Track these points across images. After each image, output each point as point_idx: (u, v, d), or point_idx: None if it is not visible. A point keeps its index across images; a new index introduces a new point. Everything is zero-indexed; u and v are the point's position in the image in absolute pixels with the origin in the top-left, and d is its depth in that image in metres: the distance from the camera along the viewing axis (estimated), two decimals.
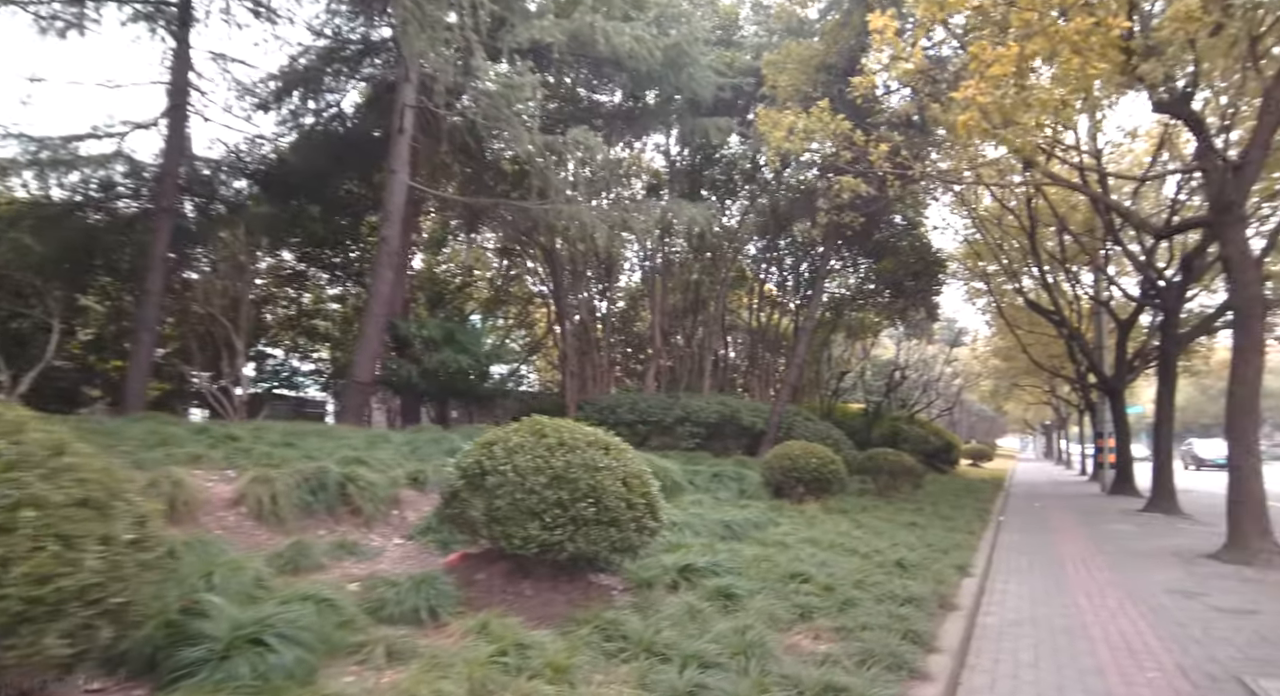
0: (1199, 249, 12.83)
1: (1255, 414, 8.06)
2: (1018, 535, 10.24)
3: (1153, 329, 20.32)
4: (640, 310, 27.69)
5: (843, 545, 6.59)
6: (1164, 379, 13.44)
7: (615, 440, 4.54)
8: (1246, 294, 8.09)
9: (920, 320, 29.52)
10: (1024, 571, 7.27)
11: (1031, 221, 18.03)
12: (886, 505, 11.87)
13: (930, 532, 8.76)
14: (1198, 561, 7.95)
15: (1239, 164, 8.22)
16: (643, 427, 16.10)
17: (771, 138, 10.38)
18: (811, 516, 8.56)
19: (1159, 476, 13.22)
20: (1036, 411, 49.72)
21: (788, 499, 10.05)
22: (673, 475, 9.19)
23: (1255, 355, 8.05)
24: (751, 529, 6.94)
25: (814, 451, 10.08)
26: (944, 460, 25.52)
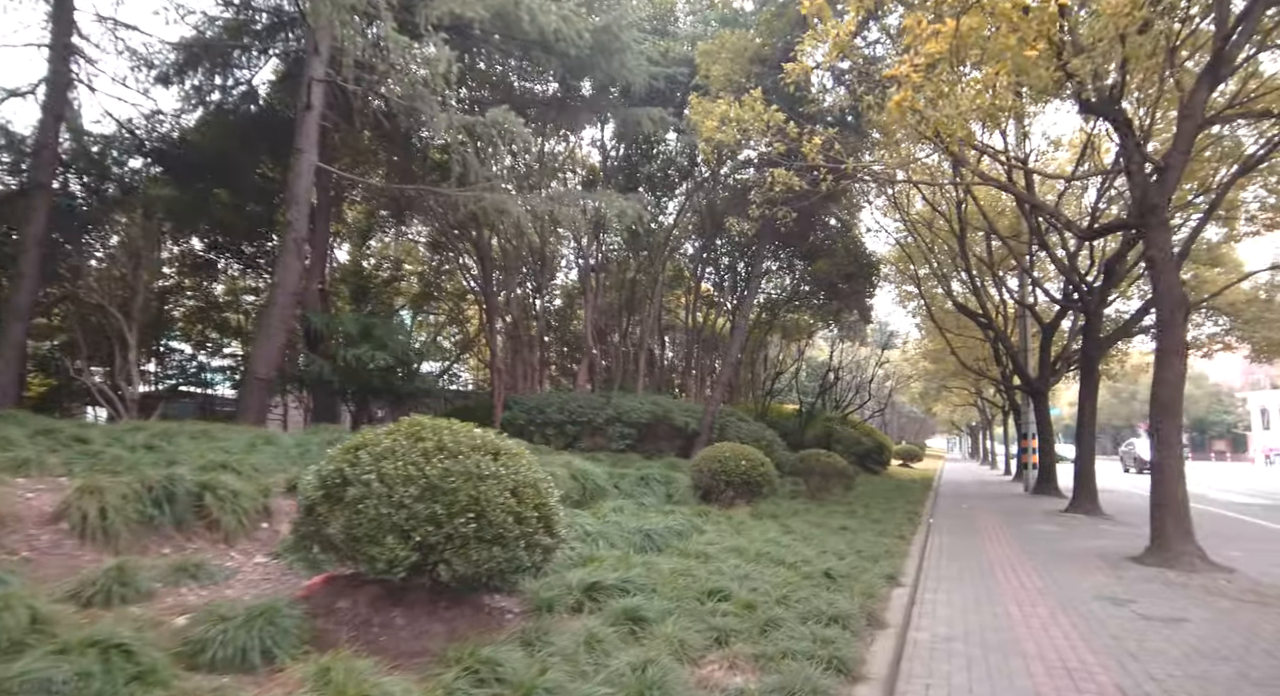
0: (1120, 254, 13.08)
1: (1178, 416, 8.05)
2: (948, 537, 10.10)
3: (1074, 332, 20.92)
4: (577, 309, 27.08)
5: (769, 554, 6.17)
6: (1086, 381, 13.67)
7: (509, 444, 3.95)
8: (1169, 296, 8.08)
9: (854, 322, 29.87)
10: (955, 578, 7.01)
11: (961, 225, 18.24)
12: (818, 508, 11.61)
13: (861, 537, 8.48)
14: (1123, 565, 7.87)
15: (1162, 167, 8.22)
16: (572, 428, 15.53)
17: (703, 127, 9.98)
18: (739, 522, 8.15)
19: (1081, 477, 13.41)
20: (963, 413, 51.29)
21: (716, 503, 9.65)
22: (595, 479, 8.65)
23: (1177, 358, 8.05)
24: (674, 538, 6.45)
25: (744, 453, 9.70)
26: (876, 461, 25.78)
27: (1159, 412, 8.06)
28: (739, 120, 9.55)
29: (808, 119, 12.47)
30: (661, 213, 26.27)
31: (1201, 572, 7.40)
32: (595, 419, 15.52)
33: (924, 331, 30.94)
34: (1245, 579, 7.20)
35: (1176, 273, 8.19)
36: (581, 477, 8.52)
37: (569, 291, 28.36)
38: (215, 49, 15.69)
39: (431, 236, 25.16)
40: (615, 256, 25.88)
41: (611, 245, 26.35)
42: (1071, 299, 16.08)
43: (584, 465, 8.88)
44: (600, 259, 26.69)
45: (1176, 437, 8.02)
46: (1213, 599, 6.25)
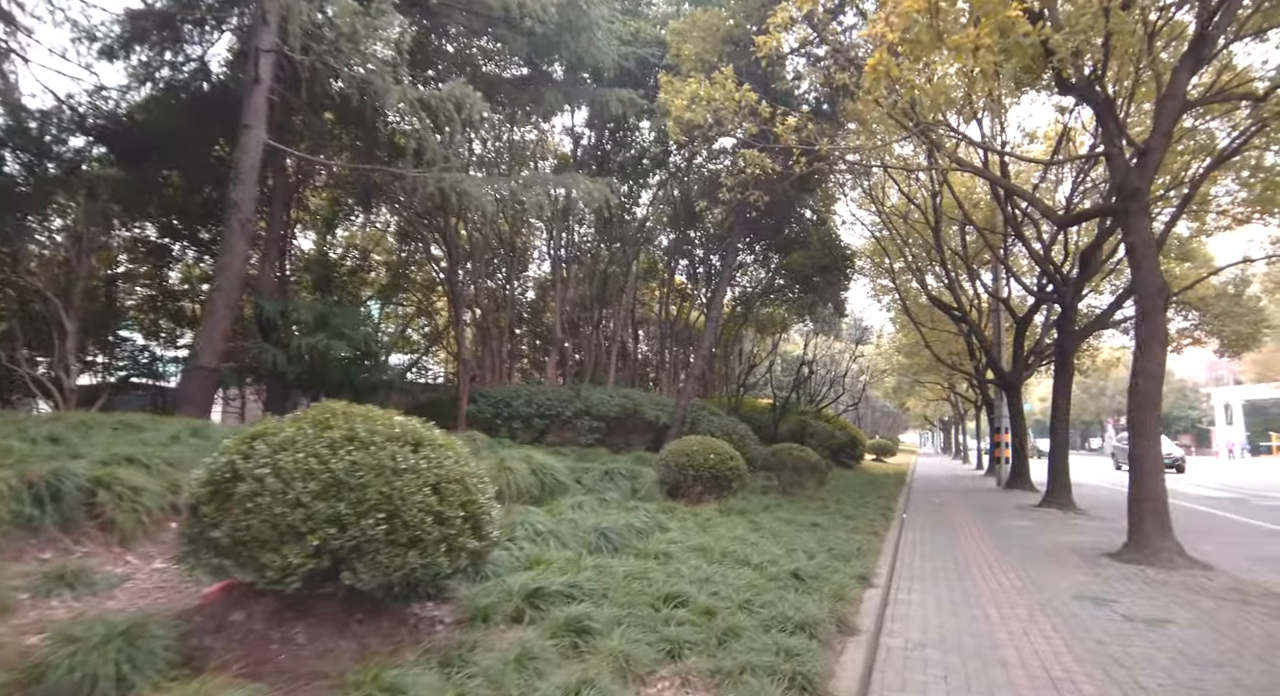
0: (1095, 244, 12.90)
1: (1158, 408, 7.81)
2: (921, 533, 9.81)
3: (1047, 326, 20.87)
4: (550, 301, 26.56)
5: (735, 554, 5.77)
6: (1060, 374, 13.50)
7: (434, 434, 3.48)
8: (1150, 283, 7.83)
9: (828, 316, 29.72)
10: (929, 577, 6.68)
11: (936, 217, 18.05)
12: (789, 504, 11.28)
13: (832, 534, 8.13)
14: (1101, 562, 7.62)
15: (1143, 150, 7.96)
16: (540, 421, 15.06)
17: (673, 106, 9.55)
18: (706, 519, 7.76)
19: (1055, 471, 13.25)
20: (936, 408, 51.59)
21: (684, 499, 9.25)
22: (556, 474, 8.21)
23: (1158, 346, 7.80)
24: (633, 537, 6.03)
25: (712, 447, 9.31)
26: (850, 455, 25.63)
27: (1138, 404, 7.81)
28: (709, 99, 9.13)
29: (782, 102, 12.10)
30: (635, 203, 25.91)
31: (1181, 570, 7.16)
32: (563, 412, 15.05)
33: (898, 325, 30.88)
34: (1225, 576, 6.97)
35: (1156, 259, 7.94)
36: (541, 472, 8.06)
37: (542, 283, 27.82)
38: (165, 22, 14.88)
39: (400, 226, 24.50)
40: (588, 248, 25.40)
41: (584, 236, 25.90)
42: (1046, 291, 15.94)
43: (544, 459, 8.43)
44: (573, 250, 26.22)
45: (1155, 430, 7.78)
46: (1195, 598, 5.99)
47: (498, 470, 7.59)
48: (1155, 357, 7.79)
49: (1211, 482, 23.74)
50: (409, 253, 26.20)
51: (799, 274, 23.46)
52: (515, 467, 7.81)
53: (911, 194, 19.54)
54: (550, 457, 9.45)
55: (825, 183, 21.48)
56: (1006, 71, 10.01)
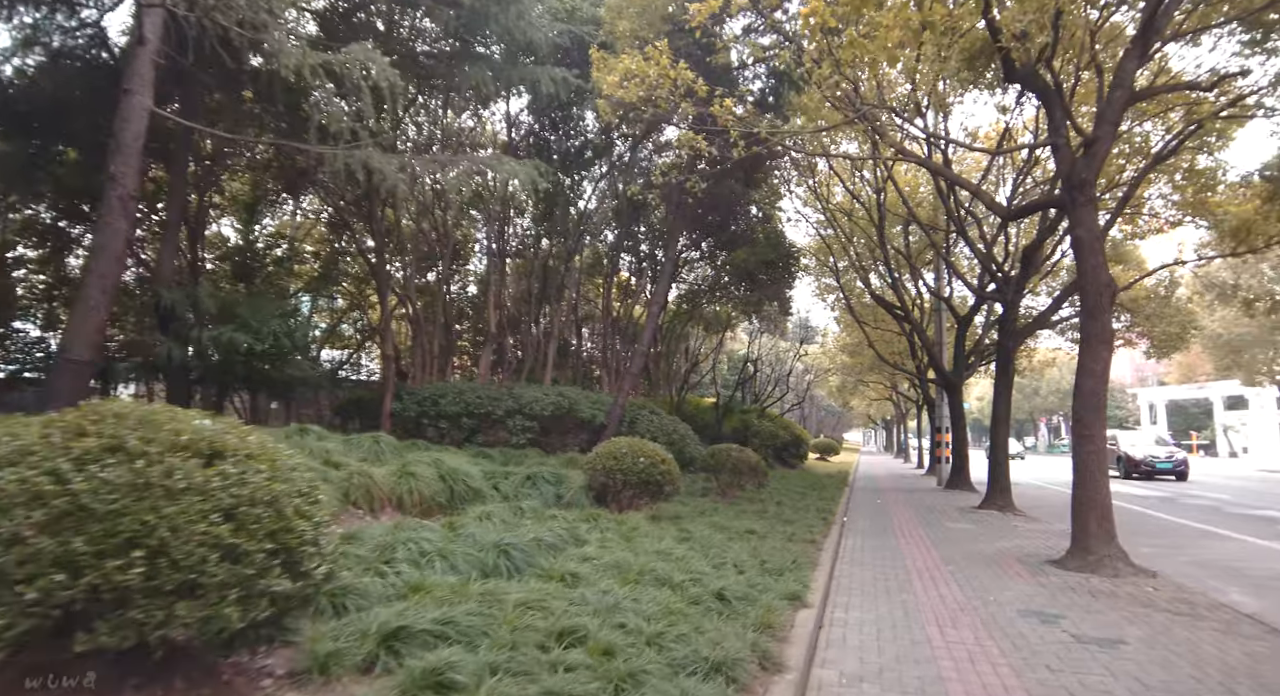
0: (1037, 243, 12.76)
1: (1102, 408, 7.50)
2: (862, 540, 9.38)
3: (988, 326, 20.95)
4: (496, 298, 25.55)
5: (655, 571, 5.13)
6: (1001, 373, 13.35)
7: (246, 442, 2.72)
8: (1096, 279, 7.51)
9: (774, 314, 29.53)
10: (868, 591, 6.17)
11: (880, 214, 17.84)
12: (727, 508, 10.74)
13: (768, 543, 7.59)
14: (1044, 570, 7.25)
15: (1090, 140, 7.63)
16: (468, 421, 14.21)
17: (604, 84, 8.87)
18: (632, 528, 7.10)
19: (995, 472, 13.07)
20: (879, 407, 52.27)
21: (613, 505, 8.58)
22: (469, 480, 7.45)
23: (1103, 345, 7.49)
24: (541, 554, 5.33)
25: (643, 449, 8.67)
26: (793, 455, 25.43)
27: (1083, 404, 7.48)
28: (643, 76, 8.47)
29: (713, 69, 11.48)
30: (579, 197, 25.21)
31: (1126, 578, 6.84)
32: (494, 411, 14.23)
33: (842, 325, 30.91)
34: (1169, 584, 6.67)
35: (1103, 253, 7.63)
36: (451, 478, 7.30)
37: (485, 279, 26.81)
38: None
39: (331, 215, 23.20)
40: (530, 242, 24.55)
41: (526, 229, 25.06)
42: (986, 291, 15.85)
43: (457, 463, 7.66)
44: (515, 244, 25.31)
45: (1101, 432, 7.47)
46: (1145, 612, 5.61)
47: (398, 476, 6.80)
48: (1100, 357, 7.47)
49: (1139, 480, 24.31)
50: (342, 244, 24.88)
51: (744, 270, 23.07)
52: (420, 473, 7.02)
53: (856, 192, 19.34)
54: (467, 461, 8.69)
55: (769, 177, 21.18)
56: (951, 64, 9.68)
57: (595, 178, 22.95)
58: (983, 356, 20.30)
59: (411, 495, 6.67)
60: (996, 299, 13.76)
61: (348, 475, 6.43)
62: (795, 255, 22.63)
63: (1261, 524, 12.07)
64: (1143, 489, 20.14)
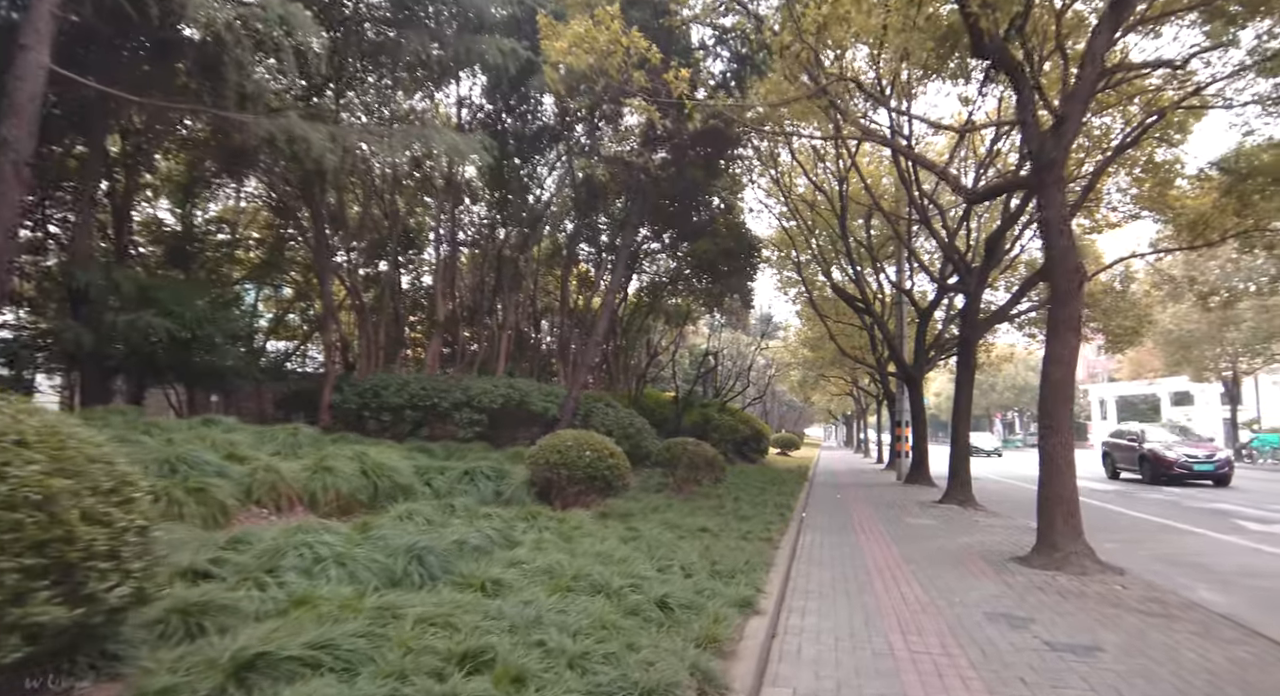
0: (1001, 229, 12.52)
1: (1070, 399, 7.18)
2: (821, 536, 8.97)
3: (948, 319, 20.87)
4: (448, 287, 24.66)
5: (591, 577, 4.57)
6: (963, 366, 13.10)
7: (22, 425, 2.09)
8: (1064, 262, 7.18)
9: (736, 307, 29.22)
10: (827, 594, 5.71)
11: (842, 205, 17.55)
12: (682, 504, 10.25)
13: (722, 542, 7.10)
14: (1009, 568, 6.90)
15: (1060, 118, 7.29)
16: (413, 413, 13.48)
17: (552, 51, 8.27)
18: (575, 527, 6.54)
19: (955, 467, 12.83)
20: (839, 402, 52.56)
21: (557, 502, 8.01)
22: (396, 475, 6.81)
23: (1071, 333, 7.16)
24: (463, 558, 4.74)
25: (590, 442, 8.12)
26: (754, 449, 25.14)
27: (1051, 394, 7.15)
28: (592, 42, 7.89)
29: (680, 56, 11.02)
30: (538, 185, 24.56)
31: (1093, 575, 6.51)
32: (440, 403, 13.52)
33: (804, 318, 30.76)
34: (1138, 581, 6.36)
35: (1072, 236, 7.31)
36: (375, 473, 6.64)
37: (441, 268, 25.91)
38: None
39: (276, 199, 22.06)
40: (485, 231, 23.76)
41: (483, 218, 24.30)
42: (948, 282, 15.64)
43: (383, 457, 7.00)
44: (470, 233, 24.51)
45: (1068, 424, 7.14)
46: (1117, 613, 5.25)
47: (312, 472, 6.13)
48: (1069, 344, 7.14)
49: (1091, 474, 24.57)
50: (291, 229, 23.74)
51: (706, 262, 22.65)
52: (338, 468, 6.36)
53: (820, 183, 19.03)
54: (400, 455, 8.04)
55: (731, 166, 20.76)
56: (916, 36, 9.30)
57: (552, 163, 22.27)
58: (943, 350, 20.21)
59: (327, 492, 6.01)
60: (959, 290, 13.53)
61: (251, 471, 5.74)
62: (757, 246, 22.28)
63: (1217, 518, 12.03)
64: (1098, 483, 20.28)
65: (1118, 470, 20.85)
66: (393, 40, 12.08)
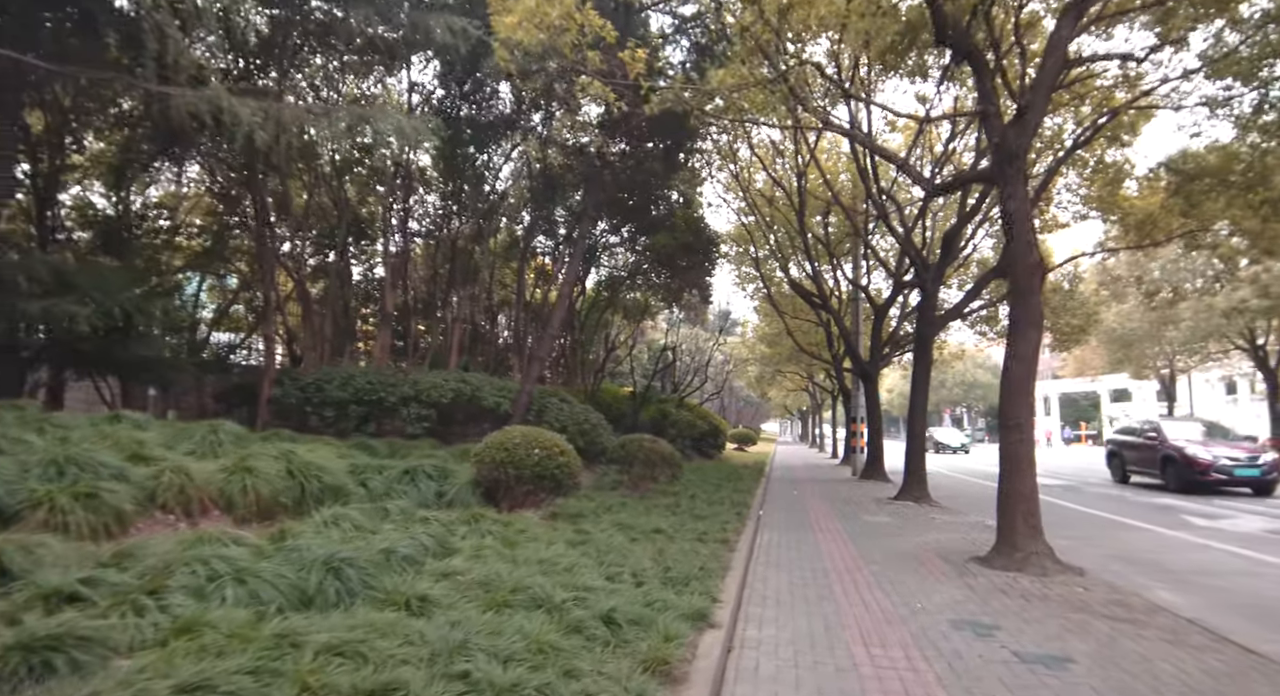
0: (959, 225, 12.47)
1: (1031, 395, 7.04)
2: (778, 535, 8.72)
3: (904, 315, 20.97)
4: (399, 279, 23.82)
5: (532, 590, 4.16)
6: (920, 361, 13.04)
7: None
8: (1025, 257, 7.02)
9: (694, 302, 29.04)
10: (785, 600, 5.42)
11: (801, 200, 17.41)
12: (637, 503, 9.90)
13: (677, 544, 6.77)
14: (970, 569, 6.72)
15: (1023, 108, 7.13)
16: (358, 408, 12.84)
17: (501, 26, 7.80)
18: (520, 531, 6.13)
19: (912, 463, 12.76)
20: (795, 398, 52.98)
21: (504, 503, 7.57)
22: (326, 476, 6.29)
23: (1032, 328, 7.01)
24: (389, 571, 4.28)
25: (539, 439, 7.70)
26: (711, 445, 24.97)
27: (1012, 391, 6.99)
28: (543, 16, 7.45)
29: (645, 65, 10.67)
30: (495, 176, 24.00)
31: (1054, 576, 6.37)
32: (388, 398, 12.90)
33: (762, 314, 30.74)
34: (1099, 583, 6.23)
35: (1034, 231, 7.17)
36: (303, 474, 6.11)
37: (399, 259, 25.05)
38: None
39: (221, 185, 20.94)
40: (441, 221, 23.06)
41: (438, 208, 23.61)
42: (904, 280, 15.62)
43: (314, 456, 6.48)
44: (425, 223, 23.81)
45: (1029, 421, 7.00)
46: (1083, 618, 5.07)
47: (230, 473, 5.58)
48: (1030, 339, 6.99)
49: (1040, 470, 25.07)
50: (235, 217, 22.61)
51: (664, 256, 22.35)
52: (261, 469, 5.82)
53: (779, 178, 18.88)
54: (336, 453, 7.50)
55: (691, 159, 20.47)
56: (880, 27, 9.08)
57: (508, 152, 21.69)
58: (898, 346, 20.28)
59: (246, 495, 5.47)
60: (916, 286, 13.47)
61: (157, 472, 5.18)
62: (715, 241, 22.07)
63: (1163, 512, 12.21)
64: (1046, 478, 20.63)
65: (1128, 473, 17.85)
66: (340, 19, 11.41)
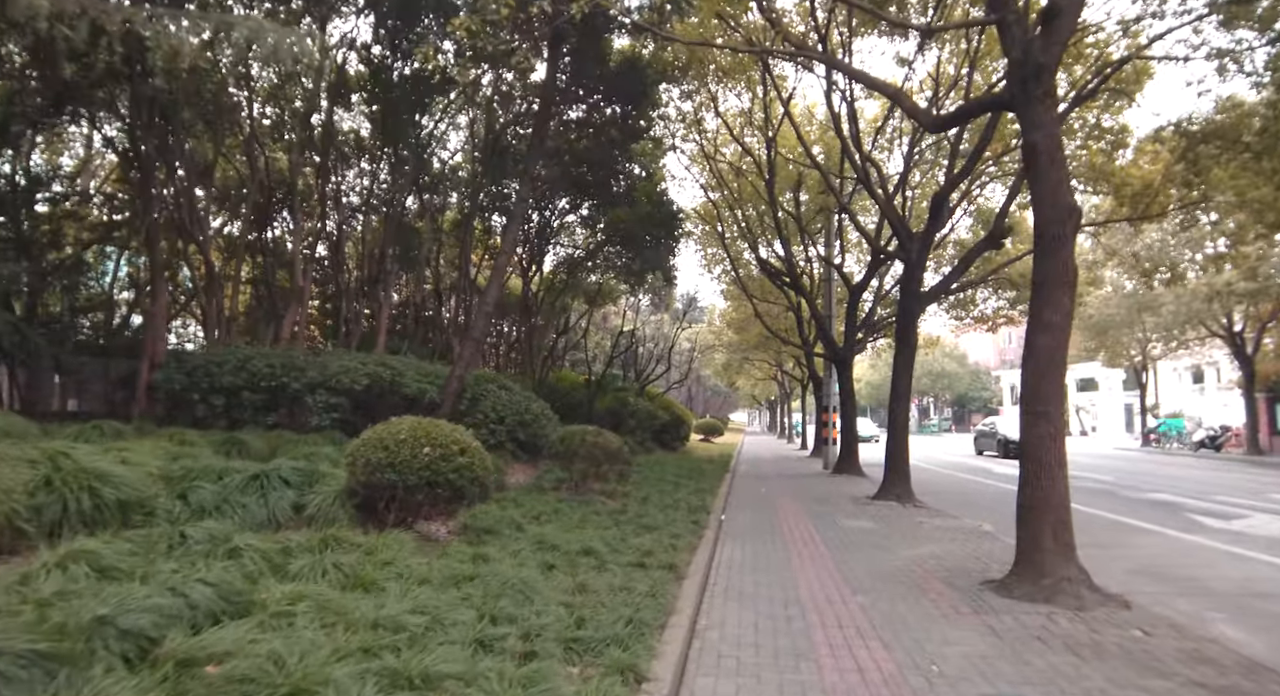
0: (947, 189, 11.01)
1: (1062, 375, 5.55)
2: (743, 549, 7.16)
3: (879, 298, 19.62)
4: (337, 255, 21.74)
5: (338, 684, 2.50)
6: (903, 344, 11.55)
7: None
8: (1057, 202, 5.51)
9: (658, 285, 27.44)
10: (748, 662, 3.84)
11: (770, 169, 15.87)
12: (574, 510, 8.27)
13: (608, 573, 5.14)
14: (986, 600, 5.21)
15: (1052, 11, 5.59)
16: (253, 396, 10.98)
17: None
18: (385, 562, 4.43)
19: (894, 456, 11.31)
20: (764, 387, 51.81)
21: (388, 518, 5.85)
22: (113, 488, 4.50)
23: (1064, 289, 5.51)
24: (93, 660, 2.57)
25: (433, 435, 5.99)
26: (674, 437, 23.43)
27: (1038, 370, 5.49)
28: None
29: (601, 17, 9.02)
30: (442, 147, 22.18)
31: (1094, 611, 4.89)
32: (291, 384, 11.06)
33: (729, 298, 29.28)
34: (1157, 621, 4.76)
35: (1065, 167, 5.65)
36: (73, 485, 4.33)
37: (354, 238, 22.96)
38: None
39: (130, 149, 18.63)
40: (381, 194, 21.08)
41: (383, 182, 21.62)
42: (886, 249, 14.15)
43: (96, 460, 4.68)
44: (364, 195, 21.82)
45: (1059, 409, 5.50)
46: (1167, 688, 3.57)
47: None
48: (1060, 305, 5.49)
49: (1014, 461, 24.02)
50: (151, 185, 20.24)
51: (625, 232, 20.66)
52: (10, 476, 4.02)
53: (749, 147, 17.30)
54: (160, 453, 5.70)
55: (652, 126, 18.79)
56: None
57: (452, 115, 19.78)
58: (873, 330, 18.92)
59: None
60: (899, 257, 11.99)
61: None
62: (679, 216, 20.44)
63: (1166, 512, 10.95)
64: None
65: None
66: None
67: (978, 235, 18.53)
